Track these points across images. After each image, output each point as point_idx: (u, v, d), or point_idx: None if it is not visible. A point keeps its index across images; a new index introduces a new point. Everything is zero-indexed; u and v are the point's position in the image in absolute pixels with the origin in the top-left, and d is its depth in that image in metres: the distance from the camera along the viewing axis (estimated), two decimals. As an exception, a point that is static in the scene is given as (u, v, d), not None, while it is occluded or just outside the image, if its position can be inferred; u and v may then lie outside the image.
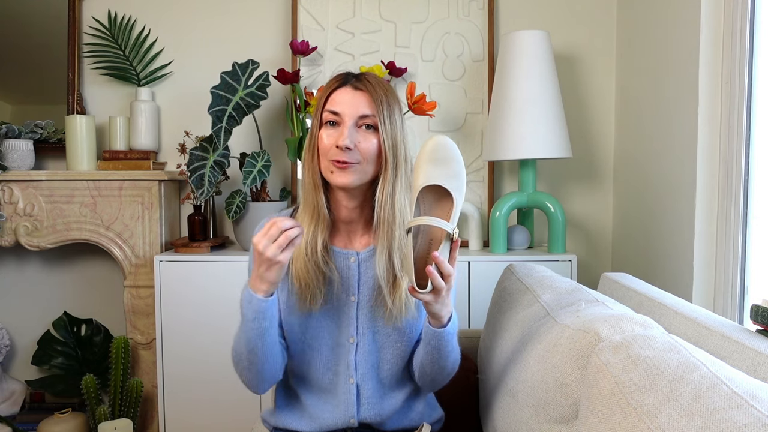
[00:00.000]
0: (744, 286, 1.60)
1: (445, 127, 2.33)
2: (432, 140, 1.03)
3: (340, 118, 1.13)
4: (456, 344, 1.16)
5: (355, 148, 1.11)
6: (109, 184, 2.19)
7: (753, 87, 1.57)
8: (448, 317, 1.09)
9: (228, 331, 2.02)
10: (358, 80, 1.16)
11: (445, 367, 1.16)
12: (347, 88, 1.15)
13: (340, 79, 1.17)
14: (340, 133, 1.12)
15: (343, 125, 1.12)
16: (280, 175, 2.38)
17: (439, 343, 1.11)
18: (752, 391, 0.67)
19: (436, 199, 1.03)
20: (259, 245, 1.03)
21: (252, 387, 1.20)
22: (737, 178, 1.60)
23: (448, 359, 1.15)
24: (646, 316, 0.95)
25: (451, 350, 1.14)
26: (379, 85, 1.15)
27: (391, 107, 1.14)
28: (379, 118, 1.12)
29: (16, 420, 2.31)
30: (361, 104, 1.12)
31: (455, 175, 1.02)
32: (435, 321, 1.09)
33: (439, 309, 1.05)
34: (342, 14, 2.32)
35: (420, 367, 1.19)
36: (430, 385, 1.22)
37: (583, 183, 2.38)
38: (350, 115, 1.12)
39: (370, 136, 1.13)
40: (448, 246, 1.02)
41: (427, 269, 0.98)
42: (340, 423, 1.23)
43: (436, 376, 1.18)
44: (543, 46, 2.06)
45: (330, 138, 1.13)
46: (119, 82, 2.38)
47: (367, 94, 1.13)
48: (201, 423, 2.09)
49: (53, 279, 2.49)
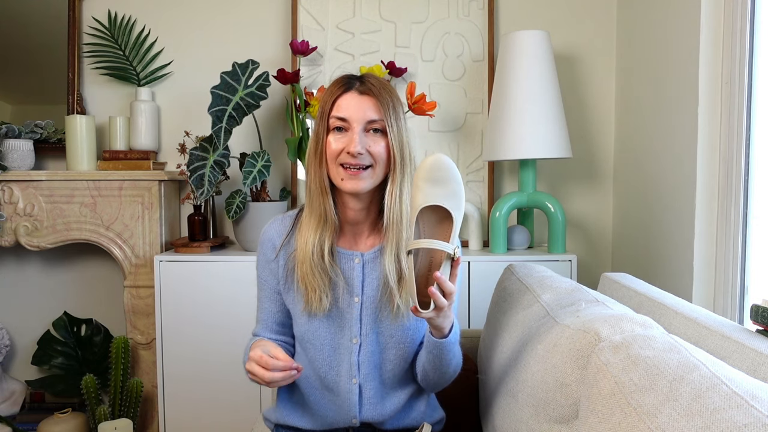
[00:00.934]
0: (744, 286, 1.60)
1: (445, 127, 2.33)
2: (430, 159, 1.02)
3: (348, 123, 1.14)
4: (458, 351, 1.17)
5: (365, 153, 1.12)
6: (109, 184, 2.19)
7: (753, 87, 1.57)
8: (449, 328, 1.10)
9: (228, 331, 2.04)
10: (362, 84, 1.16)
11: (446, 372, 1.18)
12: (353, 93, 1.15)
13: (343, 84, 1.17)
14: (350, 139, 1.12)
15: (352, 131, 1.13)
16: (280, 175, 2.38)
17: (441, 352, 1.12)
18: (752, 391, 0.67)
19: (435, 218, 1.03)
20: (254, 374, 1.09)
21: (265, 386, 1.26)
22: (737, 178, 1.60)
23: (450, 365, 1.17)
24: (646, 316, 0.95)
25: (453, 357, 1.16)
26: (384, 87, 1.16)
27: (396, 110, 1.15)
28: (387, 122, 1.13)
29: (16, 420, 2.31)
30: (368, 109, 1.13)
31: (453, 195, 1.01)
32: (437, 332, 1.10)
33: (441, 322, 1.07)
34: (342, 14, 2.32)
35: (422, 371, 1.20)
36: (433, 387, 1.24)
37: (583, 183, 2.38)
38: (358, 121, 1.13)
39: (378, 140, 1.14)
40: (449, 265, 1.02)
41: (430, 290, 0.98)
42: (342, 422, 1.24)
43: (439, 380, 1.20)
44: (543, 46, 2.06)
45: (339, 143, 1.14)
46: (119, 82, 2.38)
47: (374, 98, 1.14)
48: (201, 423, 2.09)
49: (53, 279, 2.49)
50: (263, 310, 1.28)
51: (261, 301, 1.29)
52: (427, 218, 1.03)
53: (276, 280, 1.26)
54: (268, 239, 1.27)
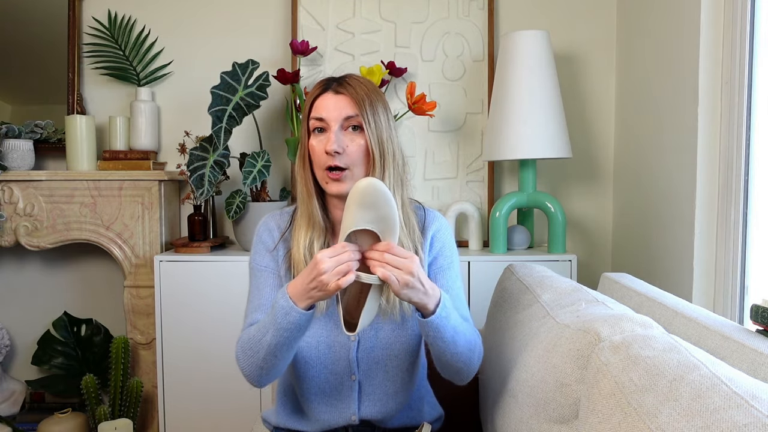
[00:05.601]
0: (744, 286, 1.60)
1: (445, 127, 2.33)
2: (362, 183, 1.00)
3: (325, 123, 1.14)
4: (462, 327, 1.11)
5: (344, 152, 1.12)
6: (109, 184, 2.19)
7: (753, 87, 1.57)
8: (435, 304, 1.06)
9: (228, 331, 2.03)
10: (339, 84, 1.16)
11: (458, 353, 1.11)
12: (329, 93, 1.16)
13: (321, 86, 1.18)
14: (327, 137, 1.13)
15: (329, 130, 1.13)
16: (280, 175, 2.38)
17: (436, 332, 1.07)
18: (752, 391, 0.67)
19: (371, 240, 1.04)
20: (322, 264, 0.98)
21: (254, 381, 1.16)
22: (737, 178, 1.60)
23: (457, 345, 1.10)
24: (646, 316, 0.95)
25: (454, 334, 1.09)
26: (360, 85, 1.16)
27: (374, 105, 1.15)
28: (363, 117, 1.13)
29: (16, 420, 2.31)
30: (343, 106, 1.13)
31: (383, 219, 1.01)
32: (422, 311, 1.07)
33: (419, 299, 1.03)
34: (342, 14, 2.32)
35: (435, 360, 1.16)
36: (457, 375, 1.17)
37: (583, 183, 2.38)
38: (335, 119, 1.13)
39: (357, 138, 1.14)
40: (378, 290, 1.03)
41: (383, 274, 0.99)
42: (341, 421, 1.24)
43: (454, 363, 1.13)
44: (543, 46, 2.06)
45: (320, 144, 1.14)
46: (119, 82, 2.38)
47: (348, 96, 1.14)
48: (201, 423, 2.09)
49: (53, 279, 2.49)
50: (263, 296, 1.22)
51: (259, 289, 1.23)
52: (363, 240, 1.04)
53: (278, 267, 1.23)
54: (267, 230, 1.25)
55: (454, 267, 1.25)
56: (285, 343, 1.07)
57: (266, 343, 1.08)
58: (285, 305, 1.04)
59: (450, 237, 1.26)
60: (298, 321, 1.04)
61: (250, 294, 1.24)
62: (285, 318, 1.04)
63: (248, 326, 1.19)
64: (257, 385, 1.17)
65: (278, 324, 1.05)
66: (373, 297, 1.04)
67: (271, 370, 1.13)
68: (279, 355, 1.09)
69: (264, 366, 1.12)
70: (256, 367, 1.13)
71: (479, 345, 1.17)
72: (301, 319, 1.04)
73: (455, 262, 1.25)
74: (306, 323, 1.06)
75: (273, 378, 1.16)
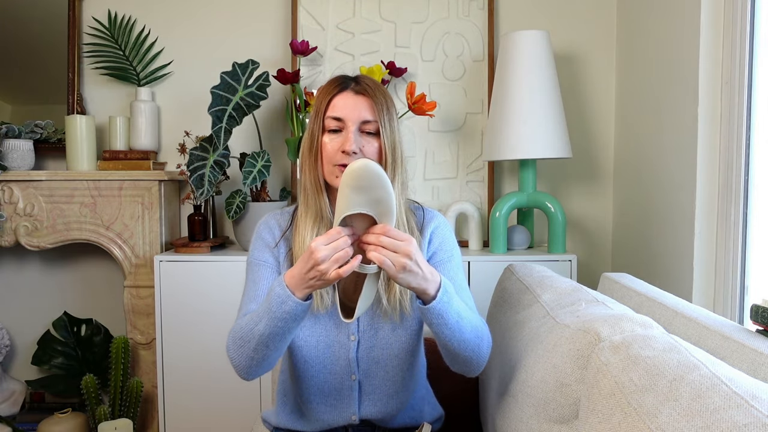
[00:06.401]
0: (744, 286, 1.60)
1: (445, 127, 2.33)
2: (355, 165, 0.98)
3: (343, 123, 1.14)
4: (467, 314, 1.09)
5: (359, 152, 1.12)
6: (109, 184, 2.19)
7: (753, 87, 1.57)
8: (435, 289, 1.03)
9: (228, 331, 2.03)
10: (357, 84, 1.17)
11: (465, 341, 1.08)
12: (348, 92, 1.15)
13: (339, 83, 1.17)
14: (345, 138, 1.13)
15: (347, 130, 1.13)
16: (280, 175, 2.38)
17: (439, 318, 1.04)
18: (752, 391, 0.67)
19: (367, 224, 1.02)
20: (318, 253, 0.96)
21: (243, 372, 1.13)
22: (737, 178, 1.60)
23: (463, 331, 1.07)
24: (646, 316, 0.96)
25: (459, 320, 1.06)
26: (378, 89, 1.17)
27: (390, 111, 1.16)
28: (381, 124, 1.14)
29: (16, 420, 2.31)
30: (363, 109, 1.14)
31: (379, 201, 0.99)
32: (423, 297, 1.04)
33: (418, 284, 1.01)
34: (342, 14, 2.32)
35: (443, 352, 1.13)
36: (466, 366, 1.13)
37: (583, 183, 2.38)
38: (353, 120, 1.13)
39: (372, 141, 1.14)
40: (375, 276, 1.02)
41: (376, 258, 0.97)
42: (341, 420, 1.24)
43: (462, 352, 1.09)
44: (543, 46, 2.06)
45: (334, 143, 1.14)
46: (119, 82, 2.38)
47: (369, 99, 1.14)
48: (201, 423, 2.09)
49: (53, 279, 2.49)
50: (259, 288, 1.19)
51: (256, 282, 1.21)
52: (359, 225, 1.02)
53: (278, 263, 1.22)
54: (267, 228, 1.24)
55: (454, 260, 1.23)
56: (278, 333, 1.04)
57: (258, 332, 1.05)
58: (281, 293, 1.02)
59: (449, 233, 1.26)
60: (293, 310, 1.02)
61: (245, 287, 1.23)
62: (281, 307, 1.02)
63: (242, 317, 1.16)
64: (246, 377, 1.14)
65: (273, 313, 1.03)
66: (371, 283, 1.02)
67: (262, 361, 1.09)
68: (271, 346, 1.06)
69: (254, 356, 1.08)
70: (246, 357, 1.10)
71: (487, 333, 1.14)
72: (297, 308, 1.01)
73: (456, 255, 1.24)
74: (302, 314, 1.03)
75: (263, 371, 1.13)
